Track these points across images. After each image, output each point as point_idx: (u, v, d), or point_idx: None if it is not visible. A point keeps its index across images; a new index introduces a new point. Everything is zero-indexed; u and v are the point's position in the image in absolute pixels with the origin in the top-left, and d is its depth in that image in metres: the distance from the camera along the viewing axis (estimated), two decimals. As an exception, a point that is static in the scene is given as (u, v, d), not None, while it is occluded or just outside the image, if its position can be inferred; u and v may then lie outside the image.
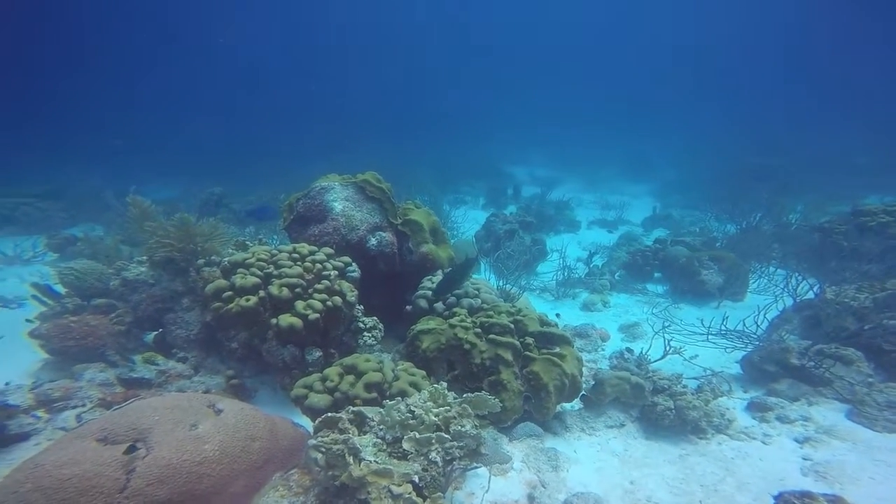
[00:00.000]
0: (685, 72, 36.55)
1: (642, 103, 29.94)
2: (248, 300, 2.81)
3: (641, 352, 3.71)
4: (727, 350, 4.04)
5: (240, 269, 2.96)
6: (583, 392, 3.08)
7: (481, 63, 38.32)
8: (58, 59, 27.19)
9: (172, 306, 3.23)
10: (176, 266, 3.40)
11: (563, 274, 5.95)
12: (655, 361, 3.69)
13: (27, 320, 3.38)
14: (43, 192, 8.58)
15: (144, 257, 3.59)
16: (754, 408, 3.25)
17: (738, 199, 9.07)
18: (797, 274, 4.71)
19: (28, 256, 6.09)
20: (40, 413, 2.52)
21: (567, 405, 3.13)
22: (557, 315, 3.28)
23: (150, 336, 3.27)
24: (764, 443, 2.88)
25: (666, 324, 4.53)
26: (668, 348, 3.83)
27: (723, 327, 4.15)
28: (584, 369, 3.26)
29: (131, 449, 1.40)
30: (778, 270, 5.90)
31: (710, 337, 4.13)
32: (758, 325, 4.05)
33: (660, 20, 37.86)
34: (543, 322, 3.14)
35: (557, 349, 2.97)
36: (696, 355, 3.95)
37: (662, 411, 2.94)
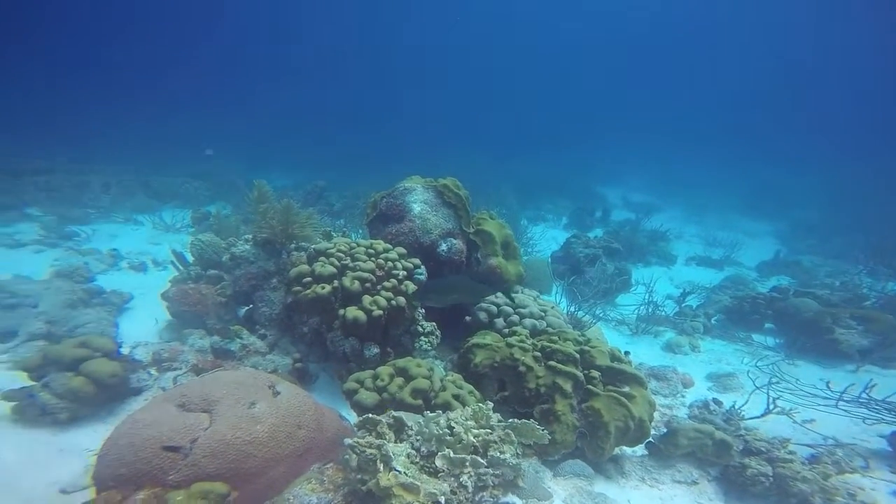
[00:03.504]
0: (838, 84, 30.27)
1: (775, 122, 25.62)
2: (323, 287, 2.97)
3: (733, 405, 3.20)
4: (866, 422, 3.29)
5: (321, 258, 3.16)
6: (650, 440, 2.75)
7: (578, 71, 35.91)
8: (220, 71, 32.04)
9: (263, 284, 3.59)
10: (273, 247, 3.77)
11: (648, 309, 5.35)
12: (751, 419, 3.16)
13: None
14: (199, 172, 10.38)
15: (249, 236, 4.06)
16: (905, 497, 2.60)
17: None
18: None
19: (179, 226, 7.32)
20: (153, 371, 2.90)
21: (628, 450, 2.82)
22: (627, 353, 2.97)
23: (243, 310, 3.69)
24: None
25: (773, 379, 3.85)
26: (771, 406, 3.25)
27: (865, 395, 3.39)
28: (656, 415, 2.91)
29: (172, 448, 1.52)
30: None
31: (840, 403, 3.40)
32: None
33: (805, 18, 31.28)
34: (615, 357, 2.86)
35: (627, 388, 2.69)
36: (813, 420, 3.28)
37: (754, 475, 2.48)
